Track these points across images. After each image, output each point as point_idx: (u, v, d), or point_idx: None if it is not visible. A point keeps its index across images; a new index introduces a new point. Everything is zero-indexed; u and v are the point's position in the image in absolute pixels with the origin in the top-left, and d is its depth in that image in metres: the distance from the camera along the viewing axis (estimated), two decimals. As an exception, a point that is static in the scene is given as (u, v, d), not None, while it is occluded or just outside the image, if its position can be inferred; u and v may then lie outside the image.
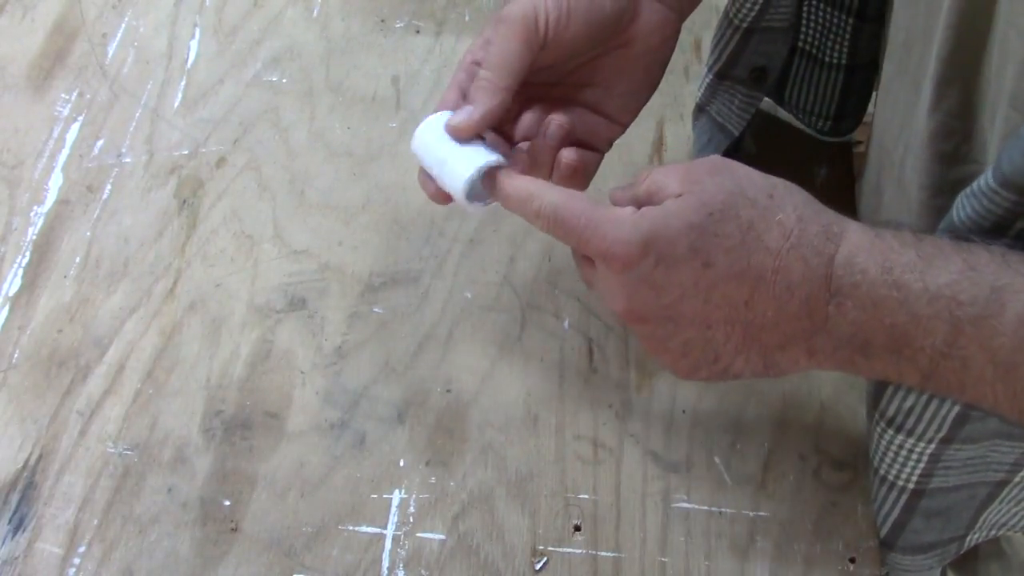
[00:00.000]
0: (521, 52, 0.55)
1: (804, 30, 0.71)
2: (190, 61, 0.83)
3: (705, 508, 0.62)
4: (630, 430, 0.65)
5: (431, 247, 0.73)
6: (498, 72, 0.55)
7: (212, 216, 0.74)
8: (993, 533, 0.63)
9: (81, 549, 0.61)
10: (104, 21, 0.86)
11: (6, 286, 0.71)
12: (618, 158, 0.77)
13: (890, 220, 0.61)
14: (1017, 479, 0.58)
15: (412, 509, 0.62)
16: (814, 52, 0.72)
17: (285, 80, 0.82)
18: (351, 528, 0.62)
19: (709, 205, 0.48)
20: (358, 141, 0.78)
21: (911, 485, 0.58)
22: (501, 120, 0.57)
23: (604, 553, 0.61)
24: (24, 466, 0.64)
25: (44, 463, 0.64)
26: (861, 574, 0.60)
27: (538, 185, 0.53)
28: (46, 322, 0.69)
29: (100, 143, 0.78)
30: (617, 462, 0.64)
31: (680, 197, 0.49)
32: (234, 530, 0.62)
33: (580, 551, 0.61)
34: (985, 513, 0.60)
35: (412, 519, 0.62)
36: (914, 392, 0.54)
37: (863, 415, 0.65)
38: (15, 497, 0.63)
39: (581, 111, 0.61)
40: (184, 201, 0.75)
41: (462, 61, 0.59)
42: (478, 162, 0.55)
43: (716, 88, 0.71)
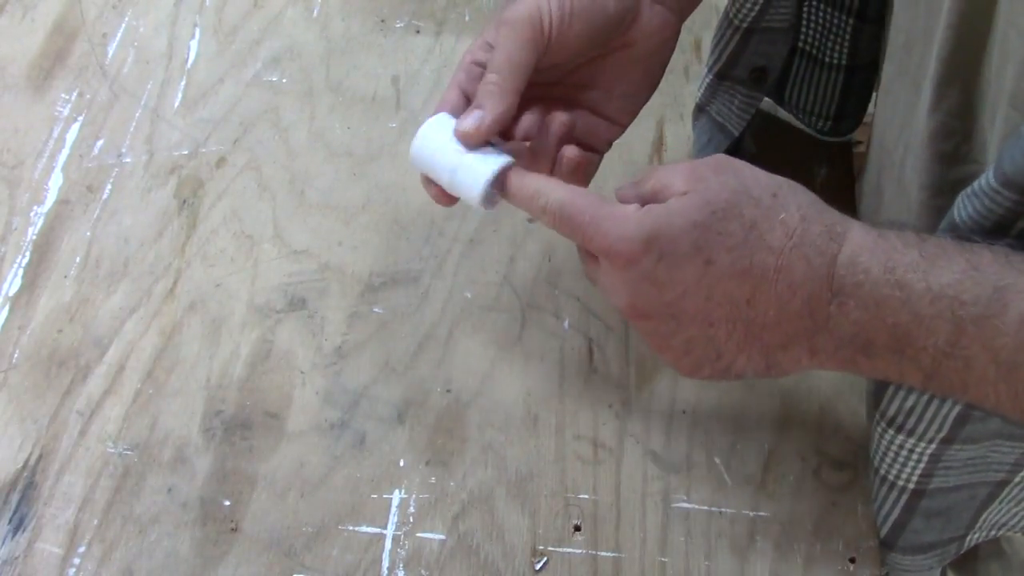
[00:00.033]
0: (527, 54, 0.55)
1: (804, 30, 0.71)
2: (190, 61, 0.83)
3: (705, 508, 0.62)
4: (630, 430, 0.65)
5: (431, 247, 0.73)
6: (505, 75, 0.54)
7: (212, 216, 0.74)
8: (993, 533, 0.63)
9: (81, 549, 0.61)
10: (104, 21, 0.86)
11: (6, 286, 0.71)
12: (618, 158, 0.77)
13: (890, 220, 0.61)
14: (1017, 479, 0.58)
15: (412, 509, 0.62)
16: (814, 52, 0.72)
17: (285, 80, 0.82)
18: (351, 528, 0.62)
19: (713, 203, 0.48)
20: (358, 141, 0.78)
21: (911, 485, 0.58)
22: None
23: (604, 553, 0.61)
24: (24, 466, 0.64)
25: (44, 463, 0.64)
26: (861, 574, 0.60)
27: (545, 182, 0.53)
28: (46, 322, 0.69)
29: (100, 143, 0.78)
30: (617, 462, 0.64)
31: (684, 195, 0.49)
32: (234, 530, 0.62)
33: (580, 551, 0.61)
34: (985, 513, 0.60)
35: (412, 519, 0.62)
36: (915, 392, 0.54)
37: (863, 415, 0.65)
38: (15, 497, 0.63)
39: (581, 112, 0.61)
40: (184, 201, 0.75)
41: (461, 61, 0.58)
42: (492, 167, 0.54)
43: (716, 88, 0.71)
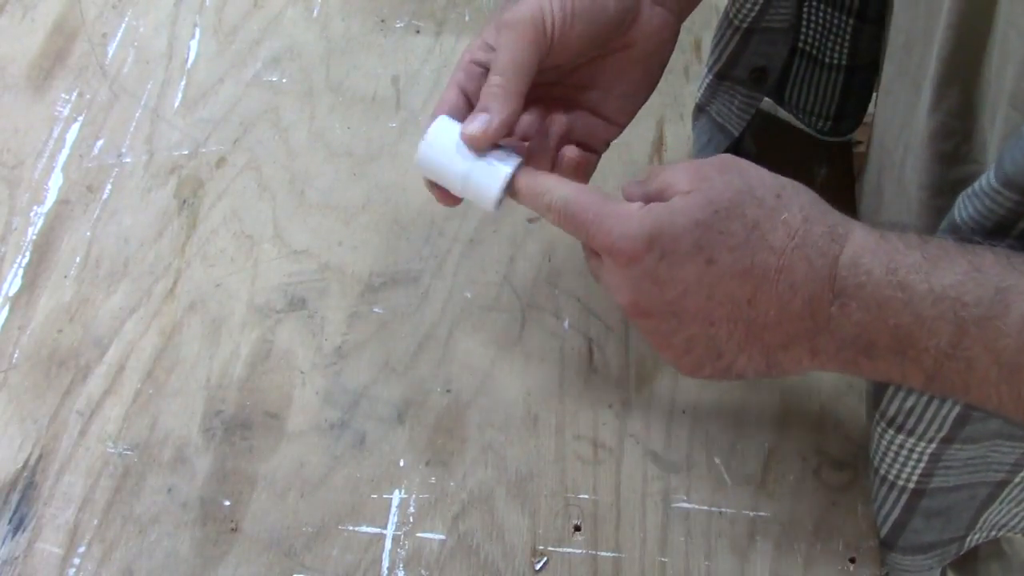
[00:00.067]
0: (530, 56, 0.55)
1: (804, 31, 0.71)
2: (190, 61, 0.83)
3: (705, 508, 0.62)
4: (630, 430, 0.65)
5: (431, 247, 0.73)
6: (509, 76, 0.54)
7: (212, 216, 0.74)
8: (994, 534, 0.63)
9: (81, 549, 0.61)
10: (104, 21, 0.85)
11: (6, 286, 0.71)
12: (618, 158, 0.77)
13: (892, 221, 0.61)
14: (1018, 479, 0.58)
15: (412, 509, 0.62)
16: (814, 53, 0.72)
17: (285, 80, 0.82)
18: (351, 528, 0.62)
19: (716, 203, 0.48)
20: (358, 141, 0.78)
21: (911, 485, 0.58)
22: None
23: (604, 553, 0.61)
24: (24, 466, 0.64)
25: (44, 463, 0.64)
26: (861, 574, 0.60)
27: (550, 180, 0.54)
28: (46, 322, 0.69)
29: (100, 143, 0.78)
30: (617, 462, 0.64)
31: (688, 194, 0.49)
32: (234, 530, 0.62)
33: (580, 551, 0.61)
34: (986, 513, 0.60)
35: (412, 519, 0.62)
36: (915, 392, 0.54)
37: (863, 415, 0.65)
38: (15, 497, 0.63)
39: (579, 112, 0.61)
40: (184, 201, 0.75)
41: (460, 61, 0.58)
42: (506, 170, 0.55)
43: (716, 88, 0.71)
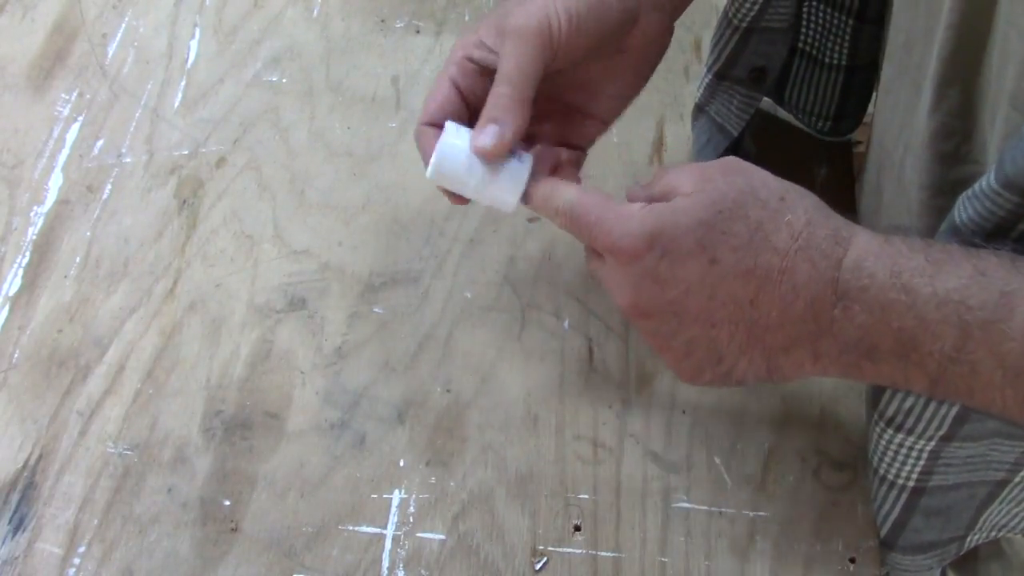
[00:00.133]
0: (537, 64, 0.55)
1: (804, 31, 0.71)
2: (190, 61, 0.83)
3: (705, 508, 0.62)
4: (630, 430, 0.65)
5: (431, 247, 0.73)
6: (518, 85, 0.54)
7: (212, 216, 0.74)
8: (994, 534, 0.63)
9: (81, 549, 0.61)
10: (104, 21, 0.85)
11: (6, 286, 0.71)
12: (618, 157, 0.77)
13: (890, 220, 0.61)
14: (1017, 479, 0.58)
15: (412, 509, 0.62)
16: (814, 53, 0.72)
17: (285, 80, 0.82)
18: (351, 528, 0.62)
19: (719, 203, 0.48)
20: (358, 141, 0.78)
21: (911, 483, 0.58)
22: None
23: (604, 553, 0.61)
24: (24, 466, 0.64)
25: (44, 463, 0.64)
26: (861, 574, 0.60)
27: (557, 184, 0.54)
28: (46, 322, 0.69)
29: (100, 143, 0.78)
30: (617, 462, 0.64)
31: (691, 195, 0.49)
32: (234, 530, 0.62)
33: (580, 551, 0.61)
34: (985, 513, 0.60)
35: (412, 519, 0.62)
36: (914, 392, 0.54)
37: (863, 415, 0.65)
38: (15, 497, 0.63)
39: (568, 110, 0.61)
40: (184, 201, 0.75)
41: (452, 56, 0.58)
42: (522, 178, 0.55)
43: (715, 88, 0.71)
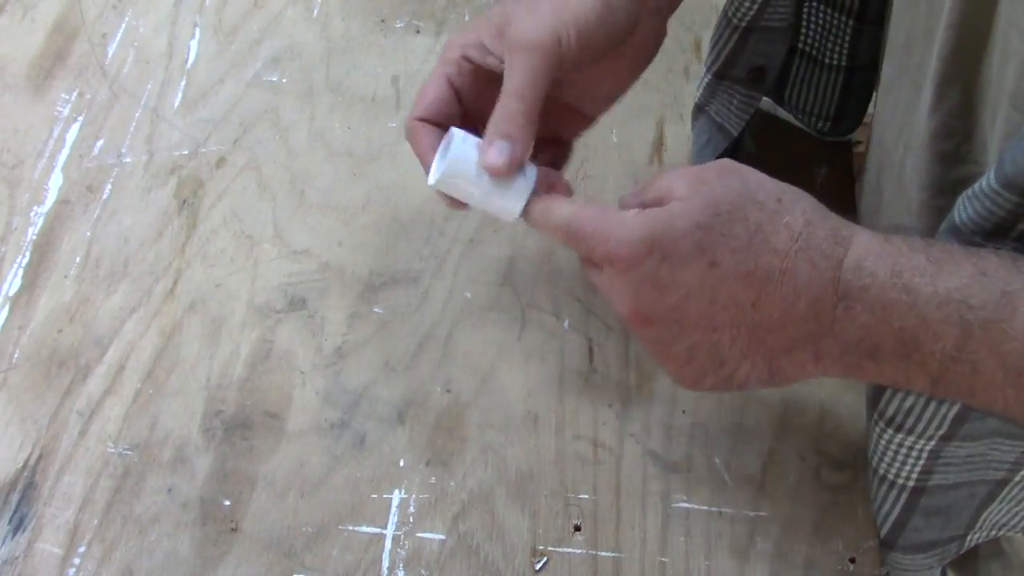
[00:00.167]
0: (547, 79, 0.55)
1: (804, 31, 0.71)
2: (190, 61, 0.83)
3: (705, 508, 0.62)
4: (630, 430, 0.65)
5: (431, 247, 0.73)
6: (529, 102, 0.55)
7: (212, 216, 0.74)
8: (994, 533, 0.63)
9: (81, 549, 0.61)
10: (104, 21, 0.85)
11: (6, 286, 0.71)
12: (618, 157, 0.77)
13: (890, 220, 0.61)
14: (1017, 478, 0.58)
15: (412, 509, 0.62)
16: (814, 53, 0.72)
17: (285, 80, 0.82)
18: (351, 528, 0.62)
19: (717, 205, 0.48)
20: (358, 141, 0.78)
21: (911, 483, 0.58)
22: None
23: (604, 553, 0.61)
24: (24, 466, 0.64)
25: (44, 463, 0.64)
26: (861, 574, 0.60)
27: (554, 201, 0.54)
28: (46, 322, 0.69)
29: (100, 143, 0.78)
30: (617, 462, 0.64)
31: (687, 198, 0.49)
32: (234, 530, 0.62)
33: (580, 551, 0.61)
34: (985, 512, 0.60)
35: (412, 519, 0.62)
36: (914, 392, 0.54)
37: (863, 415, 0.65)
38: (15, 497, 0.63)
39: (558, 107, 0.61)
40: (184, 201, 0.75)
41: (448, 55, 0.58)
42: (526, 189, 0.56)
43: (715, 88, 0.71)
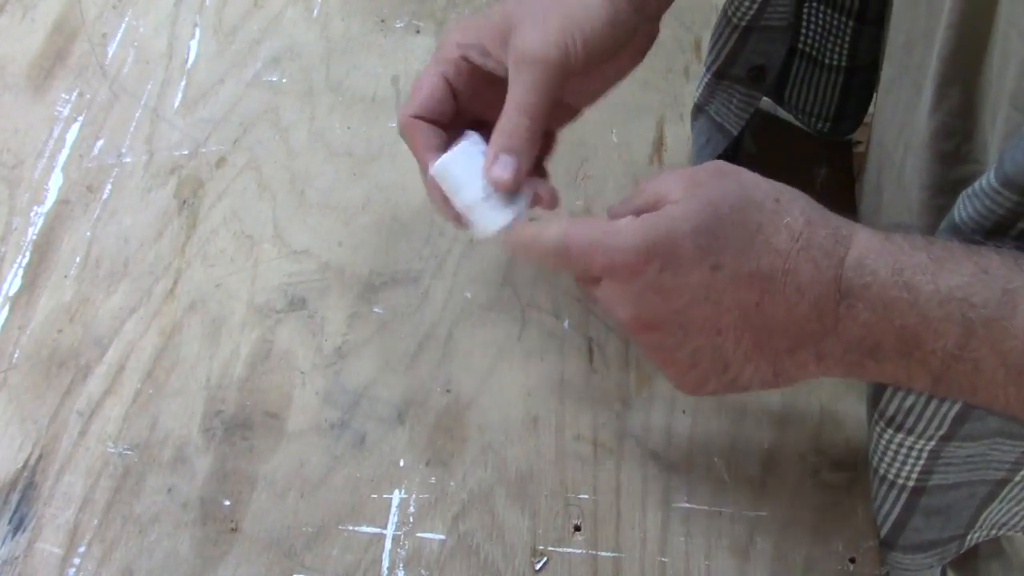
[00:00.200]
0: (554, 93, 0.55)
1: (804, 32, 0.71)
2: (190, 61, 0.83)
3: (705, 508, 0.62)
4: (630, 430, 0.65)
5: (431, 247, 0.73)
6: (537, 119, 0.55)
7: (212, 216, 0.74)
8: (994, 533, 0.63)
9: (81, 549, 0.61)
10: (104, 21, 0.85)
11: (6, 286, 0.71)
12: (618, 158, 0.77)
13: (891, 220, 0.61)
14: (1018, 478, 0.58)
15: (412, 509, 0.62)
16: (814, 54, 0.72)
17: (285, 80, 0.82)
18: (351, 528, 0.62)
19: (716, 208, 0.47)
20: (358, 141, 0.78)
21: (911, 483, 0.58)
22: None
23: (604, 553, 0.61)
24: (24, 466, 0.64)
25: (44, 463, 0.64)
26: (861, 574, 0.60)
27: (540, 226, 0.52)
28: (46, 322, 0.69)
29: (100, 143, 0.78)
30: (617, 462, 0.64)
31: (684, 201, 0.48)
32: (234, 530, 0.62)
33: (580, 551, 0.61)
34: (985, 512, 0.60)
35: (412, 519, 0.62)
36: (914, 392, 0.54)
37: (863, 416, 0.65)
38: (15, 497, 0.63)
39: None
40: (184, 201, 0.75)
41: (446, 52, 0.58)
42: (519, 206, 0.56)
43: (714, 88, 0.71)
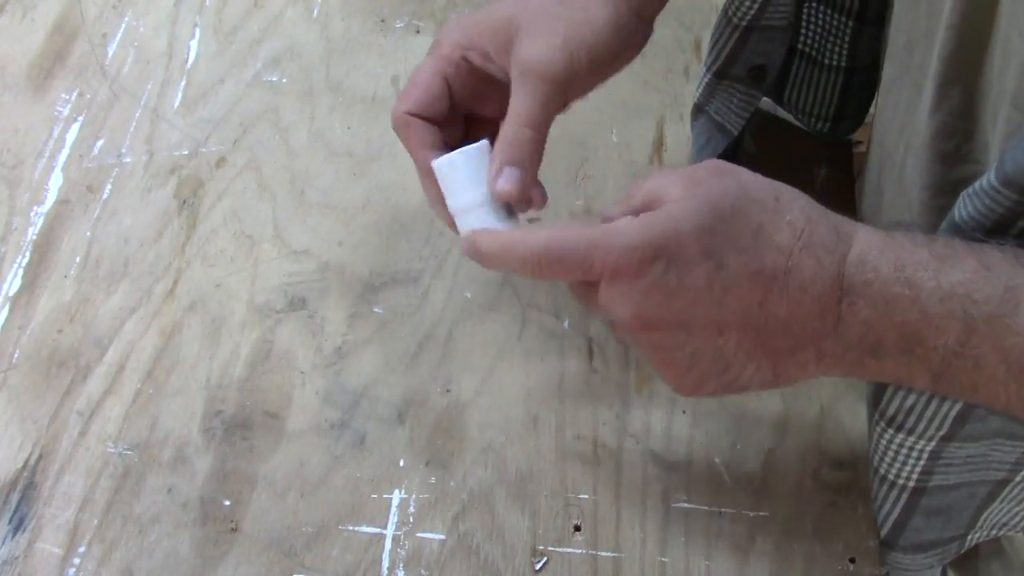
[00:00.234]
0: (559, 104, 0.55)
1: (804, 32, 0.71)
2: (190, 61, 0.83)
3: (705, 508, 0.62)
4: (630, 430, 0.65)
5: (431, 247, 0.73)
6: (540, 131, 0.55)
7: (212, 216, 0.74)
8: (994, 533, 0.63)
9: (81, 549, 0.61)
10: (104, 21, 0.85)
11: (6, 286, 0.71)
12: (618, 157, 0.77)
13: (891, 220, 0.61)
14: (1018, 479, 0.58)
15: (412, 509, 0.62)
16: (814, 54, 0.72)
17: (285, 80, 0.82)
18: (351, 528, 0.62)
19: (718, 206, 0.47)
20: (358, 141, 0.78)
21: (912, 483, 0.58)
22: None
23: (604, 553, 0.61)
24: (24, 466, 0.64)
25: (44, 463, 0.64)
26: (861, 574, 0.60)
27: (517, 234, 0.51)
28: (46, 322, 0.69)
29: (100, 143, 0.78)
30: (617, 462, 0.64)
31: (685, 200, 0.47)
32: (234, 530, 0.62)
33: (580, 551, 0.61)
34: (986, 512, 0.60)
35: (412, 519, 0.62)
36: (915, 391, 0.54)
37: (863, 416, 0.65)
38: (15, 497, 0.63)
39: None
40: (184, 201, 0.75)
41: (446, 52, 0.58)
42: (513, 219, 0.56)
43: (715, 87, 0.71)
